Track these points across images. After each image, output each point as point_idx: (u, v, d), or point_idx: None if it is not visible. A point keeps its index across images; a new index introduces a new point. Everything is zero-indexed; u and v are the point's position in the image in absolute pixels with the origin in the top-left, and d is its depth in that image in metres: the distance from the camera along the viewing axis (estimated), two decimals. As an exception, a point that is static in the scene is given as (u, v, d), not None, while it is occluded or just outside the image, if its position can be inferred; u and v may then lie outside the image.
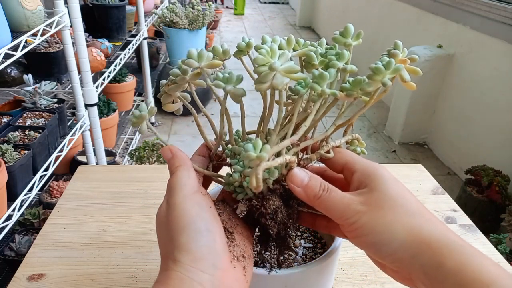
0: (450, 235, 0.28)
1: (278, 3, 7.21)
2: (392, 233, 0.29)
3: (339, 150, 0.35)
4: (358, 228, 0.30)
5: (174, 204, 0.30)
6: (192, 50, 0.33)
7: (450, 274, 0.26)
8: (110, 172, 0.75)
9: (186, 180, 0.32)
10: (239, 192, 0.34)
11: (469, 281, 0.25)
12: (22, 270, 0.52)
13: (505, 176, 1.79)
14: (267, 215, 0.33)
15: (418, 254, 0.27)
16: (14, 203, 1.02)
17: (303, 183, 0.31)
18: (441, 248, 0.27)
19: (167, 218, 0.30)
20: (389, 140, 2.68)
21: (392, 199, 0.30)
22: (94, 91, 1.41)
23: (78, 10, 1.26)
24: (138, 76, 2.53)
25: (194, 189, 0.32)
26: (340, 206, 0.30)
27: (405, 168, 0.81)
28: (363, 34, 0.35)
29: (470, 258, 0.26)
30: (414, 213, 0.29)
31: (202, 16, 2.43)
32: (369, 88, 0.30)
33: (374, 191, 0.31)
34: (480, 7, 2.10)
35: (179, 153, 0.34)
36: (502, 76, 1.98)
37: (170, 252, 0.29)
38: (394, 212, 0.29)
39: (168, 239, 0.30)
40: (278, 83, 0.29)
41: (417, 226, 0.28)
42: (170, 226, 0.30)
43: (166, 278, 0.27)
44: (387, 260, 0.29)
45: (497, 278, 0.25)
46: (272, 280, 0.34)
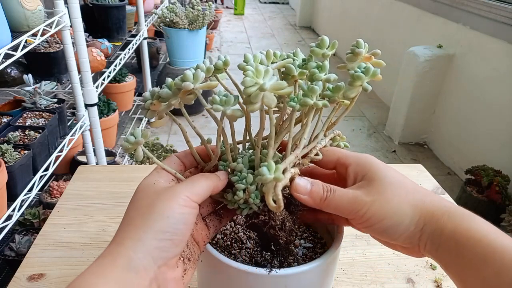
0: (446, 204, 0.32)
1: (278, 3, 7.21)
2: (401, 213, 0.31)
3: (327, 149, 0.37)
4: (369, 218, 0.32)
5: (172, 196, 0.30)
6: (187, 73, 0.32)
7: (449, 237, 0.29)
8: (110, 172, 0.75)
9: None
10: (243, 208, 0.35)
11: (463, 240, 0.29)
12: (22, 270, 0.52)
13: (505, 176, 1.79)
14: (276, 227, 0.35)
15: (425, 225, 0.31)
16: (14, 203, 1.02)
17: (307, 190, 0.33)
18: (442, 215, 0.30)
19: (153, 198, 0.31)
20: (389, 140, 2.68)
21: (391, 184, 0.32)
22: (94, 91, 1.41)
23: (78, 10, 1.26)
24: (138, 76, 2.52)
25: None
26: (347, 202, 0.32)
27: (405, 168, 0.81)
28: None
29: (464, 220, 0.30)
30: (413, 191, 0.32)
31: (202, 16, 2.43)
32: (351, 94, 0.33)
33: (373, 180, 0.33)
34: (480, 7, 2.10)
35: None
36: (502, 76, 1.98)
37: (135, 227, 0.29)
38: (397, 194, 0.32)
39: (140, 214, 0.30)
40: (270, 102, 0.30)
41: (419, 201, 0.32)
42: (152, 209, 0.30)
43: (117, 253, 0.28)
44: (400, 240, 0.32)
45: (487, 233, 0.29)
46: (272, 280, 0.34)
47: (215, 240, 0.43)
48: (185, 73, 0.32)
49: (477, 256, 0.28)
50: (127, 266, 0.27)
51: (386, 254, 0.59)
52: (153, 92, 0.34)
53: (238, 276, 0.35)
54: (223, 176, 0.35)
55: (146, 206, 0.30)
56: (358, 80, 0.33)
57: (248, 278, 0.34)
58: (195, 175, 0.34)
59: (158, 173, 0.34)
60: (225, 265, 0.34)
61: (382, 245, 0.36)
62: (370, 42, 1.27)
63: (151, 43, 2.73)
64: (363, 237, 0.62)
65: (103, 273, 0.27)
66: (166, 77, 0.35)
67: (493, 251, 0.27)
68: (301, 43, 4.84)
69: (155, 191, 0.32)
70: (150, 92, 0.34)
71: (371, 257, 0.58)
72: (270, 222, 0.35)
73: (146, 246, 0.28)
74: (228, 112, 0.31)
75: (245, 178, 0.33)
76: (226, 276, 0.35)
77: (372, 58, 0.34)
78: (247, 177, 0.33)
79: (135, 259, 0.28)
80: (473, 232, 0.29)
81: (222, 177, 0.34)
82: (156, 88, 0.34)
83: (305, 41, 4.94)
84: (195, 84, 0.32)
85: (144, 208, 0.30)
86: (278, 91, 0.30)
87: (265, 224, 0.35)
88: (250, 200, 0.33)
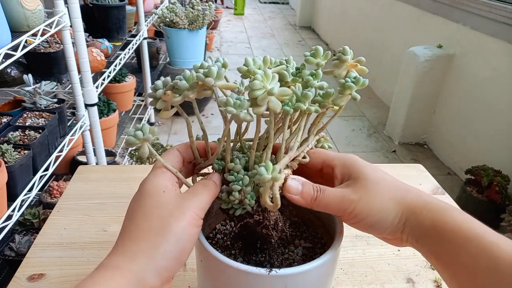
0: (426, 198, 0.34)
1: (278, 3, 7.21)
2: (386, 210, 0.34)
3: (313, 151, 0.39)
4: (357, 214, 0.34)
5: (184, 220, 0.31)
6: (213, 68, 0.32)
7: (428, 230, 0.32)
8: (110, 172, 0.75)
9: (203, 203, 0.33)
10: (237, 208, 0.36)
11: (441, 231, 0.31)
12: (22, 270, 0.52)
13: (505, 176, 1.79)
14: (269, 226, 0.36)
15: (407, 220, 0.34)
16: (14, 203, 1.02)
17: (299, 190, 0.35)
18: (421, 210, 0.33)
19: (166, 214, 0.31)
20: (389, 140, 2.68)
21: (375, 182, 0.35)
22: (94, 91, 1.41)
23: (78, 10, 1.26)
24: (138, 76, 2.52)
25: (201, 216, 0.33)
26: (336, 201, 0.34)
27: (405, 168, 0.81)
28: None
29: (441, 213, 0.32)
30: (395, 188, 0.35)
31: (202, 16, 2.43)
32: (341, 102, 0.35)
33: (358, 179, 0.35)
34: (480, 7, 2.10)
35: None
36: (502, 76, 1.98)
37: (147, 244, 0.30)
38: (381, 192, 0.34)
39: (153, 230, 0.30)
40: (276, 107, 0.31)
41: (401, 198, 0.34)
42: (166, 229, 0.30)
43: (128, 270, 0.29)
44: (387, 233, 0.34)
45: (462, 223, 0.31)
46: (272, 280, 0.34)
47: (215, 240, 0.43)
48: (210, 69, 0.32)
49: (454, 244, 0.31)
50: (138, 286, 0.29)
51: (386, 254, 0.59)
52: (166, 82, 0.34)
53: (238, 276, 0.35)
54: (218, 182, 0.36)
55: (160, 222, 0.31)
56: (348, 89, 0.35)
57: (248, 278, 0.34)
58: (197, 186, 0.34)
59: (164, 174, 0.34)
60: (225, 265, 0.34)
61: (382, 245, 0.36)
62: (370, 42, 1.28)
63: (151, 43, 2.72)
64: (363, 237, 0.62)
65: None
66: (166, 77, 0.35)
67: (468, 238, 0.30)
68: (301, 43, 4.84)
69: (166, 203, 0.32)
70: (163, 81, 0.34)
71: (371, 257, 0.58)
72: (265, 222, 0.36)
73: (157, 266, 0.29)
74: (241, 116, 0.31)
75: (241, 179, 0.34)
76: (226, 276, 0.36)
77: (357, 66, 0.37)
78: (244, 178, 0.34)
79: (147, 280, 0.29)
80: (450, 225, 0.31)
81: (218, 182, 0.36)
82: (168, 78, 0.34)
83: (305, 41, 4.94)
84: (216, 82, 0.32)
85: (157, 223, 0.31)
86: (282, 97, 0.32)
87: (259, 224, 0.36)
88: (246, 201, 0.34)
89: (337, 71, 0.37)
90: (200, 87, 0.33)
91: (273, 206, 0.31)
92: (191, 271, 0.54)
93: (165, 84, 0.34)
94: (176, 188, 0.34)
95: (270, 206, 0.32)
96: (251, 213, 0.36)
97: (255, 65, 0.34)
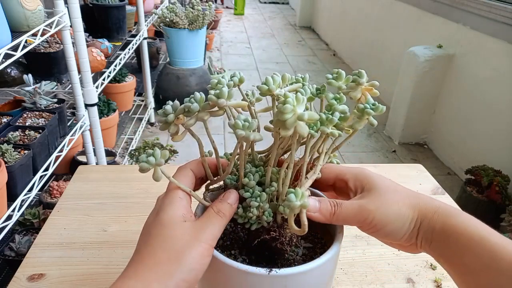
0: (436, 203, 0.36)
1: (278, 3, 7.21)
2: (403, 217, 0.35)
3: (325, 167, 0.40)
4: (376, 224, 0.35)
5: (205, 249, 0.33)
6: (224, 90, 0.33)
7: (439, 233, 0.34)
8: (110, 172, 0.75)
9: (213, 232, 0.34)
10: (253, 223, 0.37)
11: (450, 234, 0.33)
12: (22, 270, 0.52)
13: (505, 176, 1.79)
14: (284, 242, 0.38)
15: (421, 224, 0.35)
16: (14, 203, 1.02)
17: (317, 208, 0.36)
18: (432, 215, 0.35)
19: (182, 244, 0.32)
20: (389, 140, 2.68)
21: (388, 192, 0.36)
22: (94, 91, 1.41)
23: (78, 10, 1.26)
24: (138, 76, 2.52)
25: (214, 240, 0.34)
26: (354, 213, 0.36)
27: (405, 168, 0.81)
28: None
29: (451, 216, 0.34)
30: (407, 196, 0.36)
31: (202, 16, 2.43)
32: (359, 127, 0.37)
33: (372, 190, 0.37)
34: (480, 7, 2.10)
35: None
36: (502, 76, 1.98)
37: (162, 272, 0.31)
38: (396, 200, 0.36)
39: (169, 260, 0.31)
40: (303, 131, 0.32)
41: (415, 204, 0.36)
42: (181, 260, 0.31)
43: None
44: (404, 239, 0.36)
45: (468, 226, 0.33)
46: (272, 280, 0.34)
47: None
48: (221, 90, 0.33)
49: (459, 246, 0.33)
50: None
51: (386, 254, 0.59)
52: (175, 105, 0.35)
53: (238, 276, 0.35)
54: (235, 202, 0.36)
55: (175, 252, 0.32)
56: (367, 115, 0.36)
57: (248, 278, 0.34)
58: (211, 214, 0.35)
59: (181, 201, 0.35)
60: (225, 265, 0.34)
61: (382, 245, 0.37)
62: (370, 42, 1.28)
63: (151, 43, 2.73)
64: (363, 237, 0.62)
65: None
66: (166, 77, 0.36)
67: (473, 240, 0.32)
68: (301, 43, 4.84)
69: (182, 233, 0.33)
70: (172, 106, 0.34)
71: (371, 257, 0.58)
72: (281, 238, 0.37)
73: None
74: (250, 137, 0.32)
75: (258, 196, 0.35)
76: (226, 276, 0.36)
77: (372, 90, 0.38)
78: (261, 195, 0.35)
79: None
80: (457, 227, 0.33)
81: (234, 204, 0.36)
82: (176, 102, 0.35)
83: (305, 41, 4.94)
84: (227, 102, 0.33)
85: (173, 253, 0.32)
86: (310, 121, 0.33)
87: (274, 239, 0.37)
88: (264, 217, 0.36)
89: (353, 93, 0.38)
90: (211, 107, 0.34)
91: (301, 231, 0.32)
92: (191, 271, 0.54)
93: (175, 108, 0.34)
94: (191, 216, 0.35)
95: (297, 231, 0.33)
96: (266, 228, 0.37)
97: (274, 84, 0.34)
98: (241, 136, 0.32)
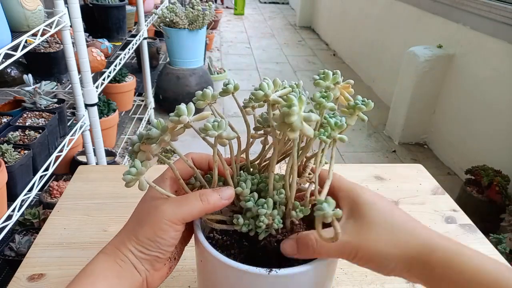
0: (434, 242, 0.32)
1: (278, 3, 7.21)
2: (388, 257, 0.33)
3: (322, 175, 0.38)
4: (358, 260, 0.34)
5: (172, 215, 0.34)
6: (181, 107, 0.33)
7: (440, 275, 0.31)
8: (110, 172, 0.75)
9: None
10: (260, 232, 0.36)
11: (453, 275, 0.30)
12: (22, 270, 0.52)
13: (505, 176, 1.79)
14: None
15: (412, 268, 0.32)
16: (14, 203, 1.02)
17: (294, 251, 0.36)
18: (430, 254, 0.31)
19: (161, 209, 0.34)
20: (389, 140, 2.68)
21: (377, 223, 0.34)
22: (94, 91, 1.41)
23: (78, 10, 1.25)
24: (138, 76, 2.52)
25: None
26: (336, 248, 0.34)
27: (405, 168, 0.81)
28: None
29: (454, 258, 0.31)
30: (398, 230, 0.33)
31: (202, 16, 2.43)
32: (351, 122, 0.37)
33: (361, 220, 0.34)
34: (480, 7, 2.10)
35: None
36: (502, 76, 1.98)
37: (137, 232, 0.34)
38: (384, 238, 0.33)
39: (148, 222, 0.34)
40: (310, 133, 0.32)
41: (405, 243, 0.33)
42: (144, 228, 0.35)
43: (115, 255, 0.34)
44: (390, 275, 0.34)
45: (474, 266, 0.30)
46: (272, 280, 0.34)
47: (215, 240, 0.43)
48: (179, 108, 0.33)
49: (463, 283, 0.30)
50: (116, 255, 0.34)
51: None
52: (141, 134, 0.35)
53: (238, 276, 0.35)
54: (225, 199, 0.36)
55: (139, 218, 0.36)
56: (358, 110, 0.37)
57: (248, 278, 0.34)
58: (192, 194, 0.36)
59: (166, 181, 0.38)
60: (225, 265, 0.34)
61: None
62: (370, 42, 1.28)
63: (151, 43, 2.72)
64: (363, 237, 0.61)
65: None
66: (166, 77, 0.36)
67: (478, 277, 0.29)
68: (301, 43, 4.84)
69: (151, 205, 0.36)
70: (138, 135, 0.35)
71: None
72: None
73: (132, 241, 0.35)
74: (224, 135, 0.33)
75: (265, 203, 0.35)
76: (226, 276, 0.36)
77: (349, 87, 0.40)
78: (268, 201, 0.35)
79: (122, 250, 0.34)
80: (462, 267, 0.30)
81: (225, 200, 0.36)
82: (142, 131, 0.36)
83: (305, 41, 4.94)
84: (189, 117, 0.33)
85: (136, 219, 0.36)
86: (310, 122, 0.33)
87: (279, 242, 0.37)
88: (274, 225, 0.35)
89: (332, 93, 0.39)
90: (172, 129, 0.34)
91: (333, 239, 0.31)
92: (191, 271, 0.54)
93: (140, 137, 0.35)
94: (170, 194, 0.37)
95: (328, 239, 0.32)
96: (273, 235, 0.37)
97: (269, 88, 0.34)
98: (214, 135, 0.32)
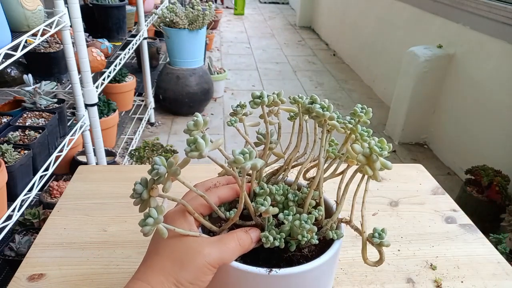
0: None
1: (278, 3, 7.21)
2: None
3: None
4: None
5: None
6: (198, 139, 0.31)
7: None
8: (110, 172, 0.75)
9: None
10: (291, 245, 0.37)
11: None
12: (22, 270, 0.52)
13: (505, 176, 1.79)
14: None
15: None
16: (14, 203, 1.02)
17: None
18: None
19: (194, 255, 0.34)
20: (389, 140, 2.68)
21: None
22: (94, 91, 1.41)
23: (78, 10, 1.26)
24: (138, 76, 2.52)
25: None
26: None
27: (405, 168, 0.81)
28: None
29: None
30: None
31: (202, 16, 2.43)
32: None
33: None
34: (480, 7, 2.10)
35: None
36: (502, 76, 1.98)
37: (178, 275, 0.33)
38: None
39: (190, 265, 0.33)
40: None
41: None
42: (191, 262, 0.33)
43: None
44: None
45: None
46: (272, 280, 0.34)
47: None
48: (196, 141, 0.31)
49: None
50: None
51: (386, 254, 0.59)
52: (144, 181, 0.34)
53: (238, 276, 0.35)
54: (254, 242, 0.36)
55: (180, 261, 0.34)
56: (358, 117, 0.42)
57: (248, 278, 0.34)
58: (232, 238, 0.35)
59: (190, 216, 0.37)
60: (225, 264, 0.34)
61: None
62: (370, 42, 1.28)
63: (151, 43, 2.73)
64: (363, 237, 0.61)
65: None
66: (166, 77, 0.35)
67: None
68: (301, 43, 4.84)
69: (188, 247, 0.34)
70: (141, 182, 0.34)
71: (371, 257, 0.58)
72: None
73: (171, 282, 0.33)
74: (259, 165, 0.32)
75: (308, 219, 0.36)
76: (226, 276, 0.35)
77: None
78: (310, 217, 0.36)
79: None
80: None
81: (253, 243, 0.36)
82: (143, 178, 0.34)
83: (305, 41, 4.94)
84: (206, 151, 0.32)
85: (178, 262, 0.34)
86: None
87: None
88: (312, 240, 0.35)
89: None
90: (185, 163, 0.33)
91: (379, 263, 0.33)
92: (191, 271, 0.54)
93: (144, 183, 0.34)
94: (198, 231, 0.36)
95: (373, 264, 0.34)
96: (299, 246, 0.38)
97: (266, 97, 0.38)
98: (247, 167, 0.31)
